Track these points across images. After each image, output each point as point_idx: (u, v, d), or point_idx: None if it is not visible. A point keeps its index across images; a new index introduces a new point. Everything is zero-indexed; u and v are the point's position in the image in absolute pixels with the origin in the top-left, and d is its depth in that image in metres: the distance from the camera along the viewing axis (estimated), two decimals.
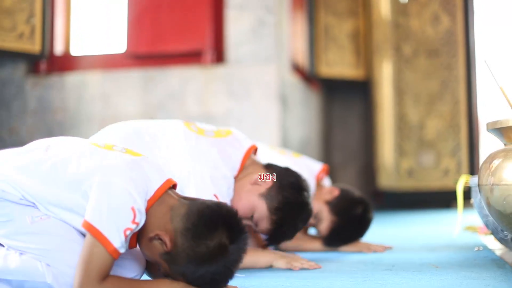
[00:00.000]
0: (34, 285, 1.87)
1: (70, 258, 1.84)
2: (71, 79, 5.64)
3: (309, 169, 3.32)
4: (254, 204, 2.51)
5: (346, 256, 2.95)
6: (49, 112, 5.66)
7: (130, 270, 1.99)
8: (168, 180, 1.92)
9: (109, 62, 5.71)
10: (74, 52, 5.91)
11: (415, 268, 2.47)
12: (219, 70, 5.36)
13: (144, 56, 5.56)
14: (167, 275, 1.87)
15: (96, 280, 1.76)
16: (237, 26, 5.36)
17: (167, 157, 2.52)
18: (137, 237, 1.88)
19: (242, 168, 2.61)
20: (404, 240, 3.70)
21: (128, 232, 1.78)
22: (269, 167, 2.62)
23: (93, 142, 2.03)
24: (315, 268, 2.53)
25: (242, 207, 2.50)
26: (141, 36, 5.55)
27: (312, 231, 3.49)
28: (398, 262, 2.68)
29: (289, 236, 2.59)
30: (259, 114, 5.26)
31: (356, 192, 3.27)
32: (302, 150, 6.03)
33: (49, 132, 5.60)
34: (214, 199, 2.41)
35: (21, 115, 5.68)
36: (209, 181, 2.48)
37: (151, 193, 1.85)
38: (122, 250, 1.79)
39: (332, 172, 7.26)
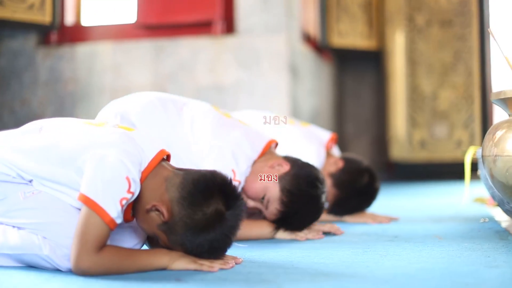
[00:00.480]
0: (32, 258, 1.89)
1: (65, 229, 1.85)
2: (82, 50, 5.64)
3: (318, 138, 3.32)
4: (268, 184, 2.52)
5: (350, 227, 2.94)
6: (60, 83, 5.67)
7: (130, 241, 2.00)
8: (161, 151, 1.92)
9: (119, 33, 5.70)
10: (84, 22, 5.90)
11: (417, 239, 2.47)
12: (229, 40, 5.33)
13: (155, 26, 5.54)
14: (165, 247, 1.88)
15: (93, 250, 1.76)
16: None
17: (190, 129, 2.55)
18: (134, 211, 1.88)
19: (263, 154, 2.62)
20: (411, 212, 3.70)
21: (124, 202, 1.78)
22: (288, 158, 2.62)
23: (86, 121, 2.04)
24: (319, 238, 2.54)
25: (256, 186, 2.53)
26: (152, 6, 5.53)
27: None
28: (402, 233, 2.68)
29: (295, 226, 2.57)
30: (269, 84, 5.24)
31: (363, 162, 3.26)
32: (313, 120, 6.01)
33: (60, 103, 5.61)
34: (231, 174, 2.43)
35: (32, 86, 5.69)
36: (230, 156, 2.50)
37: (145, 163, 1.86)
38: (118, 221, 1.79)
39: (344, 143, 7.25)
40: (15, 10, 5.45)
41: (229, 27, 5.38)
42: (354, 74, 7.40)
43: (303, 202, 2.52)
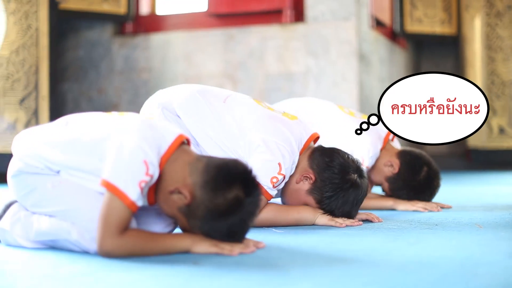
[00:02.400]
0: (63, 243, 1.98)
1: (91, 214, 1.92)
2: (156, 39, 5.77)
3: (376, 132, 3.29)
4: (304, 201, 2.56)
5: (399, 215, 2.93)
6: (135, 72, 5.82)
7: (159, 224, 2.07)
8: (180, 136, 1.97)
9: (191, 22, 5.80)
10: (159, 12, 6.03)
11: (457, 228, 2.44)
12: (298, 28, 5.35)
13: (225, 15, 5.61)
14: (184, 230, 1.94)
15: (116, 232, 1.84)
16: None
17: (234, 122, 2.59)
18: (155, 193, 1.94)
19: (305, 148, 2.63)
20: (469, 200, 3.64)
21: (143, 185, 1.85)
22: (314, 162, 2.59)
23: (108, 113, 2.12)
24: (357, 225, 2.54)
25: (293, 203, 2.59)
26: None
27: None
28: (445, 221, 2.65)
29: (348, 213, 2.58)
30: (338, 72, 5.23)
31: (422, 158, 3.22)
32: None
33: (135, 91, 5.76)
34: (278, 167, 2.47)
35: (108, 75, 5.87)
36: (277, 150, 2.52)
37: (164, 148, 1.91)
38: (139, 203, 1.86)
39: None
40: (92, 1, 5.64)
41: (298, 15, 5.40)
42: (432, 61, 7.29)
43: (344, 197, 2.51)
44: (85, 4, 5.58)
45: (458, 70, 6.84)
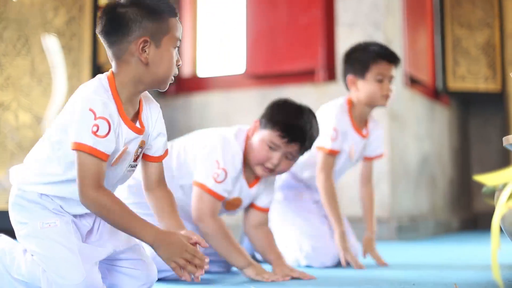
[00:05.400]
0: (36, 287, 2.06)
1: (63, 268, 1.98)
2: (196, 99, 5.96)
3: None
4: (262, 139, 2.72)
5: (374, 274, 2.94)
6: (176, 132, 5.99)
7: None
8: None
9: (230, 83, 5.97)
10: (200, 74, 6.23)
11: (435, 287, 2.43)
12: (330, 87, 5.43)
13: (262, 76, 5.75)
14: None
15: (92, 183, 1.94)
16: (347, 43, 5.40)
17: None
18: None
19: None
20: (448, 258, 3.64)
21: (94, 128, 1.94)
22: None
23: None
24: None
25: (256, 153, 2.75)
26: (259, 57, 5.76)
27: None
28: (422, 280, 2.65)
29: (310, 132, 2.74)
30: None
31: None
32: (424, 166, 5.95)
33: None
34: (216, 164, 2.74)
35: None
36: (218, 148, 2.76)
37: None
38: (100, 147, 1.94)
39: (471, 188, 7.07)
40: None
41: (330, 74, 5.49)
42: (479, 117, 7.22)
43: (291, 114, 2.73)
44: None
45: (507, 127, 6.76)
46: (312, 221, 3.31)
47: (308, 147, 2.77)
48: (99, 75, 2.06)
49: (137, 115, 2.09)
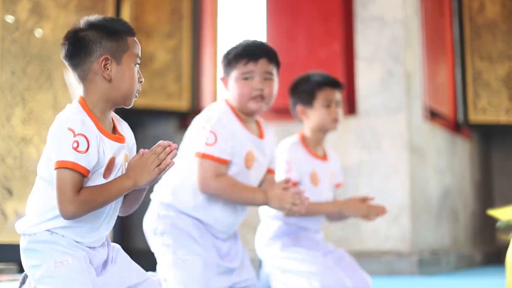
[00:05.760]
0: None
1: None
2: None
3: None
4: (248, 86, 2.84)
5: None
6: None
7: None
8: None
9: None
10: None
11: None
12: (351, 122, 5.44)
13: (281, 110, 5.76)
14: None
15: (71, 196, 1.99)
16: (366, 77, 5.43)
17: None
18: None
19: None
20: None
21: (74, 145, 2.01)
22: None
23: None
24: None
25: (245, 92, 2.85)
26: (279, 91, 5.73)
27: None
28: None
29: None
30: (390, 165, 5.26)
31: None
32: (446, 200, 5.92)
33: None
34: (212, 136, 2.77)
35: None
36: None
37: None
38: (81, 163, 2.01)
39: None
40: (156, 98, 5.93)
41: (351, 108, 5.50)
42: (501, 150, 7.17)
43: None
44: (150, 101, 5.87)
45: None
46: (316, 259, 3.27)
47: (276, 60, 2.92)
48: (69, 104, 2.16)
49: (114, 129, 2.18)
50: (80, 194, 2.02)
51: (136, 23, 5.86)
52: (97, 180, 2.08)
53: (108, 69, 2.11)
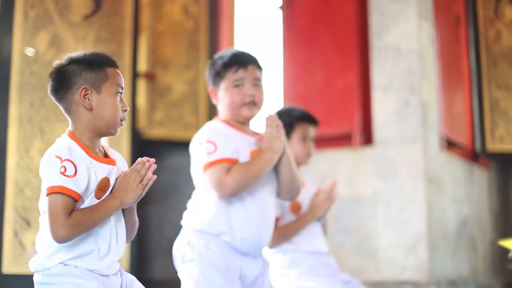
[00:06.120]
0: None
1: None
2: None
3: None
4: (239, 94, 2.85)
5: None
6: None
7: None
8: None
9: None
10: None
11: None
12: (367, 152, 5.45)
13: None
14: None
15: (63, 220, 2.05)
16: (383, 107, 5.44)
17: None
18: None
19: None
20: None
21: (62, 169, 2.09)
22: None
23: None
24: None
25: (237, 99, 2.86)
26: None
27: None
28: None
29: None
30: (406, 195, 5.25)
31: None
32: (464, 229, 5.89)
33: None
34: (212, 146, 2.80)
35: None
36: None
37: None
38: (70, 186, 2.09)
39: None
40: (173, 129, 5.97)
41: (367, 138, 5.50)
42: None
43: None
44: (167, 132, 5.92)
45: None
46: (333, 287, 3.29)
47: (261, 67, 2.93)
48: (58, 138, 2.28)
49: (105, 154, 2.27)
50: (71, 216, 2.07)
51: (153, 55, 5.94)
52: (92, 202, 2.14)
53: (88, 98, 2.21)
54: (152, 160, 2.17)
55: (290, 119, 3.44)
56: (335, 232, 5.34)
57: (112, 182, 2.20)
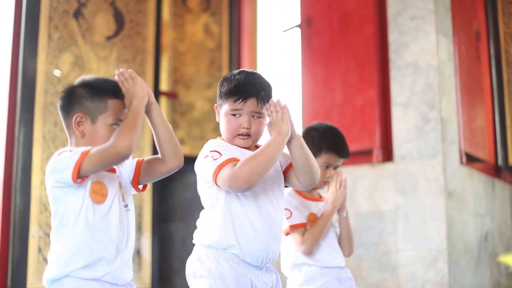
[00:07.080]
0: None
1: None
2: None
3: None
4: (235, 123, 2.77)
5: None
6: None
7: None
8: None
9: None
10: None
11: None
12: (387, 168, 5.48)
13: None
14: None
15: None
16: (402, 123, 5.48)
17: None
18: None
19: None
20: None
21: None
22: None
23: None
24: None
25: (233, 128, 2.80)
26: None
27: None
28: None
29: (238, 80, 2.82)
30: (426, 210, 5.27)
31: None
32: (485, 244, 5.88)
33: None
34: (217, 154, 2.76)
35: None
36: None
37: None
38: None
39: None
40: (196, 147, 6.05)
41: (387, 154, 5.54)
42: None
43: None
44: (189, 149, 5.99)
45: None
46: None
47: (265, 96, 2.78)
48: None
49: None
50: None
51: (175, 74, 6.04)
52: (89, 208, 2.22)
53: (82, 126, 2.31)
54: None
55: (319, 144, 3.48)
56: (356, 247, 5.35)
57: (112, 188, 2.31)
